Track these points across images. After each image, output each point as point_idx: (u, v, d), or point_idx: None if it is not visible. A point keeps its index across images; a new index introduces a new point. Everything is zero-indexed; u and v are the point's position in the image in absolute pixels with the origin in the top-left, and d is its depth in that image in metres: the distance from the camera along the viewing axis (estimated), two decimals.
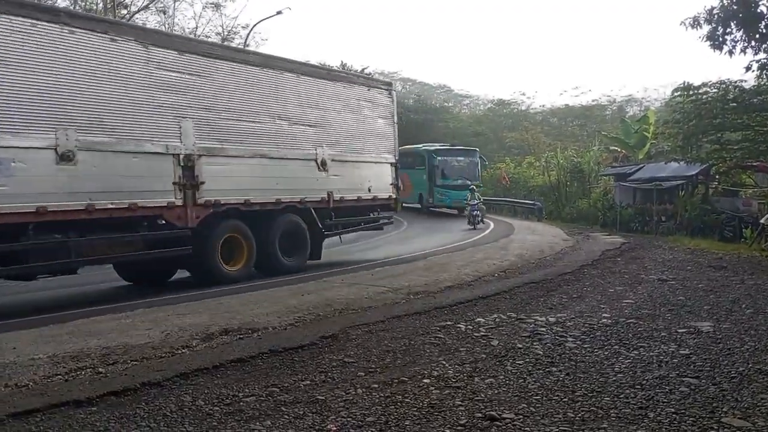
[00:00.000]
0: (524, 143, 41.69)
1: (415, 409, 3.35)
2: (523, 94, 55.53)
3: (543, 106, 53.05)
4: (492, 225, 19.86)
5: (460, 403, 3.43)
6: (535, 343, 4.78)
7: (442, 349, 4.65)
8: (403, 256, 11.87)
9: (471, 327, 5.39)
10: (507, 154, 39.52)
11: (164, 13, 40.16)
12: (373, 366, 4.23)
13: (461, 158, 24.74)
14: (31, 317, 6.63)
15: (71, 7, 31.14)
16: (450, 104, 57.89)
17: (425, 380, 3.85)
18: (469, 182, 22.07)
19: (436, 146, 25.55)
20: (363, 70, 57.25)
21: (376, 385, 3.77)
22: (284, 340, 4.98)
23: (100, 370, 4.30)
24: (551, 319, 5.63)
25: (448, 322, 5.58)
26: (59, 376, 4.18)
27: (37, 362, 4.45)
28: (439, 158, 24.04)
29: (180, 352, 4.82)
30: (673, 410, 3.28)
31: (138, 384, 3.87)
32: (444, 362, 4.27)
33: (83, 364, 4.39)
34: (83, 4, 32.67)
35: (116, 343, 4.96)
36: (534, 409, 3.32)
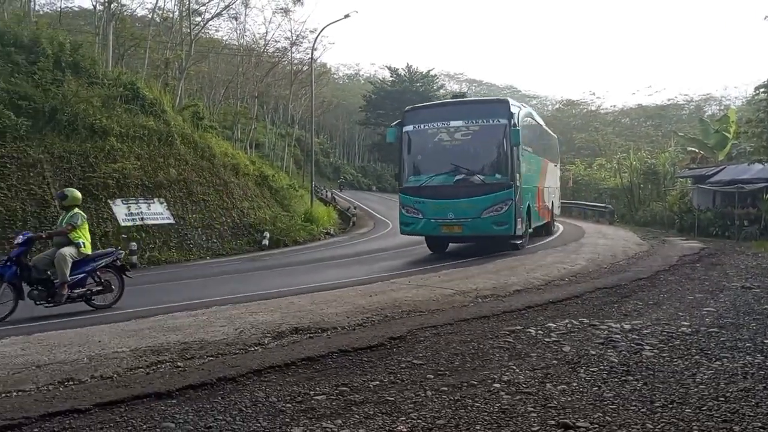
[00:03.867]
0: (594, 144, 40.52)
1: (485, 413, 3.31)
2: (593, 94, 54.36)
3: (614, 106, 51.54)
4: (561, 228, 19.46)
5: (532, 409, 3.37)
6: (609, 351, 4.64)
7: (512, 354, 4.58)
8: (469, 259, 11.79)
9: (542, 332, 5.28)
10: (576, 156, 38.52)
11: (236, 20, 41.46)
12: (441, 369, 4.21)
13: (462, 123, 12.63)
14: (115, 312, 6.97)
15: (149, 17, 32.58)
16: None
17: (495, 385, 3.80)
18: (481, 177, 12.15)
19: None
20: (428, 72, 57.40)
21: (445, 388, 3.75)
22: (353, 340, 5.03)
23: (179, 364, 4.47)
24: (626, 326, 5.45)
25: (518, 327, 5.49)
26: (141, 369, 4.37)
27: (120, 355, 4.67)
28: (411, 128, 12.94)
29: (253, 349, 4.95)
30: (760, 424, 3.11)
31: (214, 379, 4.00)
32: (514, 367, 4.20)
33: (163, 358, 4.58)
34: (160, 13, 34.07)
35: (193, 338, 5.15)
36: (610, 419, 3.21)
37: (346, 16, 28.58)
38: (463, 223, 12.33)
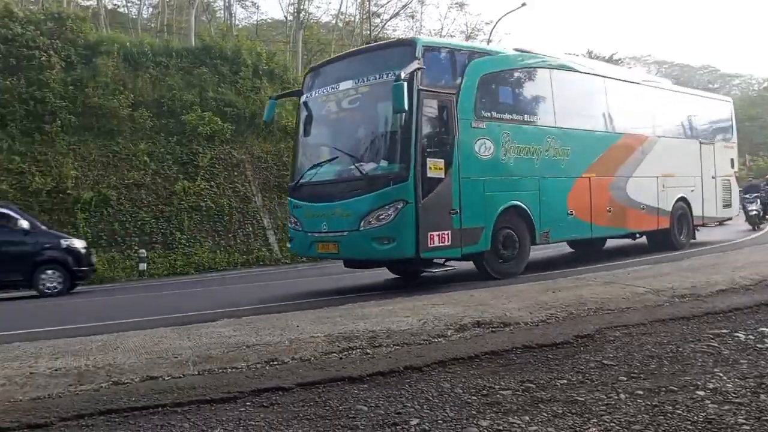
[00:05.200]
0: None
1: (688, 422, 3.06)
2: None
3: None
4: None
5: (743, 421, 3.04)
6: None
7: (718, 360, 4.17)
8: (657, 256, 10.93)
9: (753, 337, 4.74)
10: None
11: (412, 18, 42.43)
12: (635, 371, 3.97)
13: (351, 85, 8.98)
14: (307, 299, 7.54)
15: (332, 23, 34.57)
16: (715, 86, 51.66)
17: (699, 392, 3.49)
18: (363, 166, 8.51)
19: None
20: (612, 56, 54.02)
21: (640, 392, 3.53)
22: (537, 336, 4.92)
23: (368, 351, 4.72)
24: None
25: (723, 330, 4.98)
26: (334, 354, 4.68)
27: (316, 340, 5.03)
28: (306, 96, 9.79)
29: (436, 340, 5.06)
30: None
31: (401, 367, 4.16)
32: (721, 374, 3.82)
33: (354, 345, 4.86)
34: (343, 17, 35.97)
35: (380, 327, 5.39)
36: None
37: (523, 4, 27.92)
38: (338, 239, 8.55)
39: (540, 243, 10.10)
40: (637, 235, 13.03)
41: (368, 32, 32.15)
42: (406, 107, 7.92)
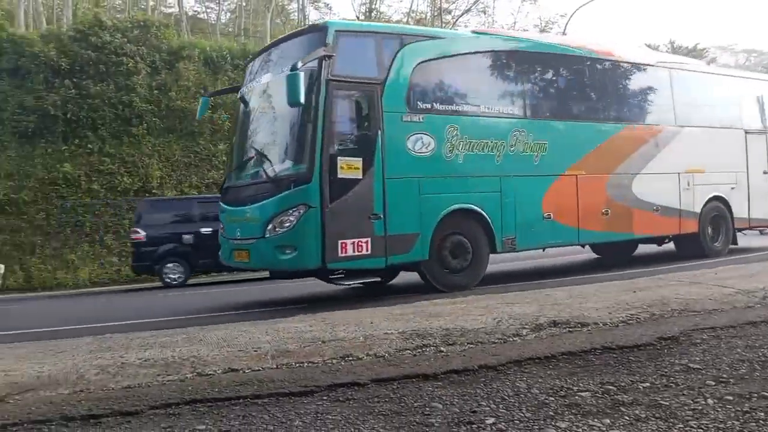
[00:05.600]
0: None
1: None
2: None
3: None
4: None
5: None
6: None
7: None
8: (746, 255, 10.33)
9: None
10: None
11: (484, 13, 41.90)
12: (724, 375, 3.77)
13: (265, 78, 8.56)
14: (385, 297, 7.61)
15: (404, 21, 34.60)
16: None
17: None
18: (270, 167, 7.87)
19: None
20: (695, 46, 51.37)
21: (729, 398, 3.36)
22: (617, 337, 4.77)
23: (442, 349, 4.71)
24: None
25: None
26: (408, 351, 4.70)
27: (390, 336, 5.07)
28: (241, 92, 9.21)
29: (511, 339, 4.99)
30: None
31: (476, 366, 4.12)
32: None
33: (427, 342, 4.86)
34: (414, 15, 35.97)
35: (453, 325, 5.37)
36: None
37: None
38: (249, 247, 7.99)
39: (504, 251, 8.94)
40: (666, 241, 11.67)
41: (440, 28, 32.00)
42: (302, 101, 7.24)
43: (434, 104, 8.46)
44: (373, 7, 32.31)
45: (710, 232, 11.36)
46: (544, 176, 9.34)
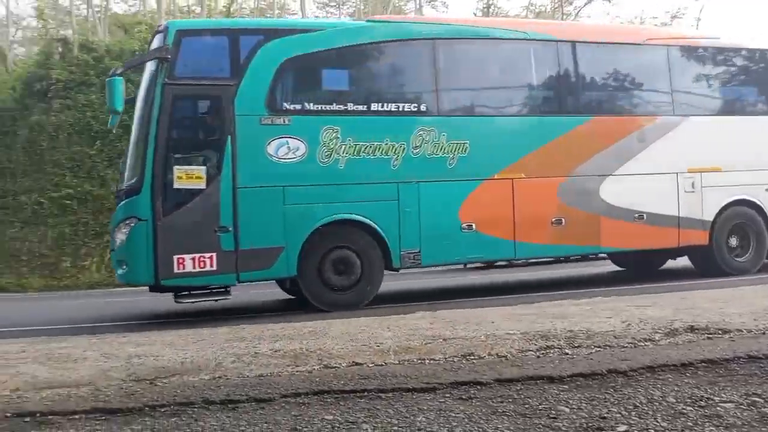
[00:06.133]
0: None
1: None
2: None
3: None
4: None
5: None
6: None
7: None
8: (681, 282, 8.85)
9: None
10: None
11: (609, 2, 39.91)
12: None
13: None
14: (503, 296, 7.51)
15: (522, 15, 33.80)
16: None
17: None
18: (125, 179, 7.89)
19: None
20: None
21: None
22: (765, 346, 4.38)
23: (567, 351, 4.56)
24: None
25: None
26: (531, 352, 4.59)
27: (512, 336, 4.99)
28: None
29: (642, 344, 4.73)
30: None
31: (604, 370, 3.96)
32: None
33: (551, 344, 4.73)
34: (533, 8, 35.02)
35: (579, 327, 5.18)
36: None
37: None
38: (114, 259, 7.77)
39: (404, 267, 7.95)
40: (675, 256, 9.89)
41: (560, 15, 30.92)
42: (119, 108, 7.06)
43: (306, 104, 7.64)
44: (491, 2, 31.80)
45: (734, 244, 9.37)
46: (463, 181, 8.10)
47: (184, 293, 7.32)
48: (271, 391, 3.75)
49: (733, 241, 9.33)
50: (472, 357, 4.51)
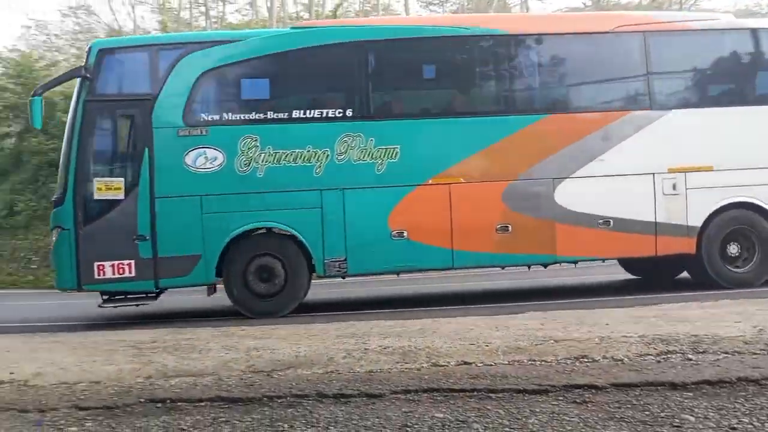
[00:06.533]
0: None
1: None
2: None
3: None
4: None
5: None
6: None
7: None
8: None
9: None
10: None
11: None
12: None
13: None
14: (620, 297, 7.21)
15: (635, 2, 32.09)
16: None
17: None
18: None
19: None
20: None
21: None
22: None
23: (690, 356, 4.29)
24: None
25: None
26: (650, 356, 4.36)
27: (629, 340, 4.76)
28: None
29: None
30: None
31: (733, 378, 3.69)
32: None
33: (673, 348, 4.47)
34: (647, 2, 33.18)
35: (704, 332, 4.86)
36: None
37: None
38: None
39: (330, 275, 7.70)
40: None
41: (678, 5, 29.01)
42: (39, 125, 7.43)
43: (224, 114, 7.67)
44: None
45: (734, 252, 8.08)
46: (393, 187, 7.66)
47: (107, 298, 7.60)
48: (382, 387, 3.82)
49: (734, 249, 8.06)
50: (586, 360, 4.36)
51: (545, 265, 8.38)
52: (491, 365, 4.31)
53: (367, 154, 7.62)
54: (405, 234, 7.61)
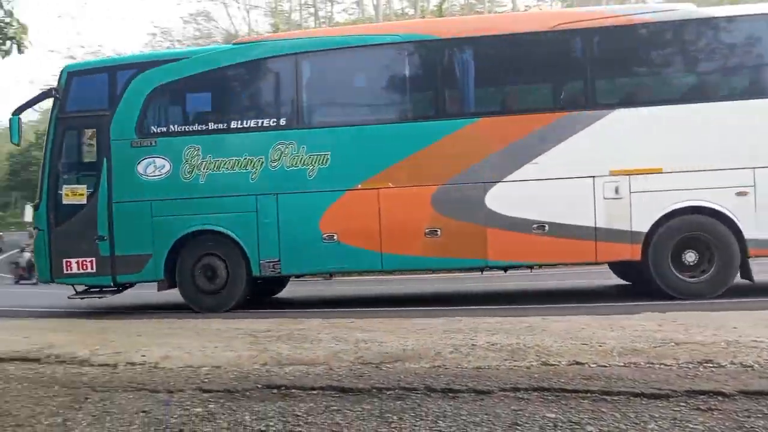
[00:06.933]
0: None
1: None
2: None
3: None
4: None
5: None
6: None
7: None
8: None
9: None
10: None
11: None
12: None
13: None
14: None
15: None
16: None
17: None
18: None
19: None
20: None
21: None
22: None
23: None
24: None
25: None
26: None
27: (760, 345, 4.42)
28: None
29: None
30: None
31: None
32: None
33: None
34: None
35: None
36: None
37: None
38: None
39: (265, 275, 8.14)
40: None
41: None
42: (16, 141, 8.49)
43: (171, 127, 8.39)
44: None
45: (691, 260, 7.45)
46: (323, 192, 7.95)
47: (85, 289, 8.60)
48: (490, 384, 3.78)
49: (691, 257, 7.48)
50: (710, 364, 4.08)
51: (481, 270, 8.42)
52: (605, 366, 4.15)
53: (299, 160, 8.02)
54: (335, 237, 7.95)
